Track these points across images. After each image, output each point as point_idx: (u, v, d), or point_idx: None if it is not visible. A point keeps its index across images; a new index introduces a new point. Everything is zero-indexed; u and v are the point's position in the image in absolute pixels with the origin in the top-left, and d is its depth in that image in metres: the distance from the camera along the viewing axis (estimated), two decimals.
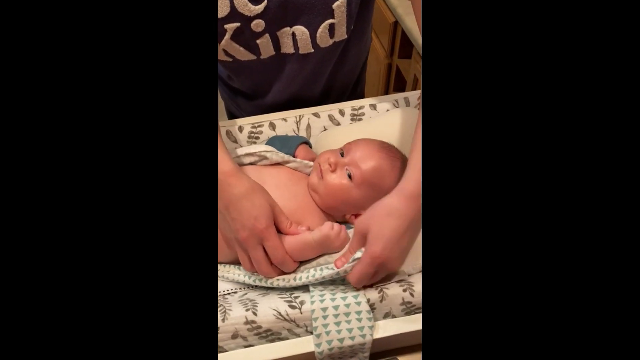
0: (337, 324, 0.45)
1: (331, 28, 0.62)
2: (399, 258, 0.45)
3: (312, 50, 0.65)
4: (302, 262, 0.53)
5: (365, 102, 0.71)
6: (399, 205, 0.45)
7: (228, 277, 0.54)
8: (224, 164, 0.49)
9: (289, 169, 0.61)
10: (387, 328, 0.47)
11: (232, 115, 0.91)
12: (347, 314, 0.46)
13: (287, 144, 0.63)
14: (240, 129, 0.69)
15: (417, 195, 0.44)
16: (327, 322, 0.45)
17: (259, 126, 0.69)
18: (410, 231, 0.44)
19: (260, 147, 0.60)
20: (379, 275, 0.47)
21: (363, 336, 0.45)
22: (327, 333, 0.45)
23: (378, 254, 0.44)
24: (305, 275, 0.49)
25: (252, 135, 0.69)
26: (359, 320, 0.46)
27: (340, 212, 0.57)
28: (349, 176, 0.55)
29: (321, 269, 0.49)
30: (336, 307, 0.46)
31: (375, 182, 0.55)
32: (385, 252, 0.44)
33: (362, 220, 0.47)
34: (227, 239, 0.52)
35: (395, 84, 1.41)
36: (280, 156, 0.60)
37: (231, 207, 0.48)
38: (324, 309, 0.46)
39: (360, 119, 0.70)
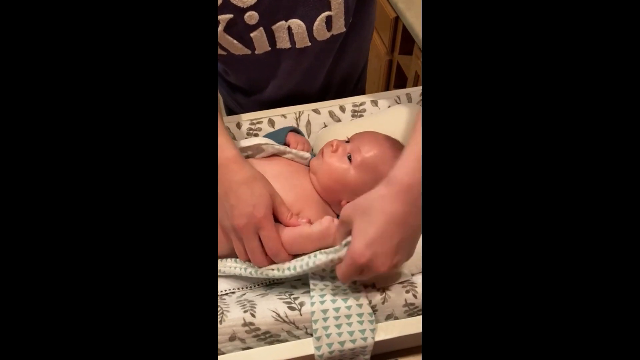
0: (338, 326, 0.44)
1: (328, 20, 0.60)
2: (385, 258, 0.39)
3: (309, 44, 0.63)
4: (295, 257, 0.51)
5: (366, 98, 0.69)
6: (386, 198, 0.39)
7: (224, 270, 0.53)
8: (227, 150, 0.48)
9: (286, 160, 0.60)
10: (389, 330, 0.46)
11: (230, 111, 0.89)
12: (348, 316, 0.44)
13: (277, 136, 0.62)
14: (239, 125, 0.68)
15: (408, 186, 0.39)
16: (327, 324, 0.44)
17: (258, 122, 0.68)
18: (398, 229, 0.39)
19: (256, 140, 0.59)
20: (366, 275, 0.43)
21: (364, 339, 0.44)
22: (328, 336, 0.44)
23: (359, 254, 0.39)
24: (300, 264, 0.47)
25: (251, 131, 0.68)
26: (360, 322, 0.44)
27: (337, 196, 0.55)
28: (349, 158, 0.55)
29: (315, 255, 0.46)
30: (337, 309, 0.44)
31: (373, 167, 0.54)
32: (367, 252, 0.39)
33: (348, 208, 0.42)
34: (224, 226, 0.50)
35: (395, 80, 1.40)
36: (276, 148, 0.59)
37: (230, 194, 0.47)
38: (325, 311, 0.44)
39: (361, 116, 0.69)
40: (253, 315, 0.46)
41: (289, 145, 0.61)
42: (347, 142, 0.57)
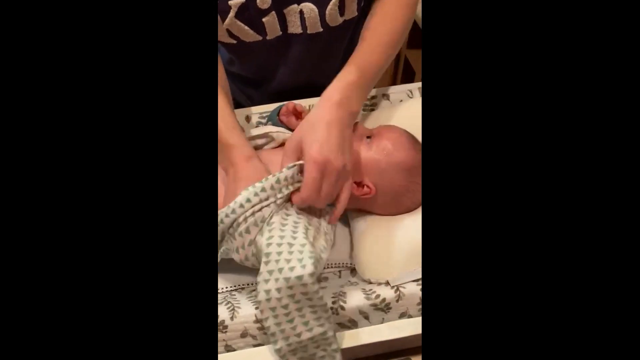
0: (277, 261, 0.42)
1: (341, 5, 0.59)
2: (337, 154, 0.46)
3: (321, 30, 0.62)
4: None
5: (378, 92, 0.68)
6: (325, 114, 0.48)
7: None
8: (243, 148, 0.51)
9: None
10: (402, 328, 0.45)
11: (238, 104, 0.88)
12: (290, 252, 0.42)
13: (273, 118, 0.61)
14: (248, 118, 0.67)
15: (341, 102, 0.49)
16: (270, 268, 0.42)
17: (267, 116, 0.67)
18: (341, 131, 0.48)
19: (266, 128, 0.58)
20: (328, 179, 0.46)
21: (303, 267, 0.41)
22: (270, 272, 0.42)
23: (317, 154, 0.45)
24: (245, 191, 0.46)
25: (260, 125, 0.67)
26: (300, 252, 0.42)
27: None
28: (368, 139, 0.54)
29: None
30: (279, 244, 0.43)
31: (388, 151, 0.52)
32: (324, 151, 0.45)
33: (293, 136, 0.49)
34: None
35: (403, 75, 1.39)
36: (288, 134, 0.58)
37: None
38: (268, 254, 0.42)
39: (372, 110, 0.67)
40: None
41: (281, 121, 0.60)
42: (369, 137, 0.56)
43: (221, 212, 0.46)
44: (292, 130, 0.60)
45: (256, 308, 0.46)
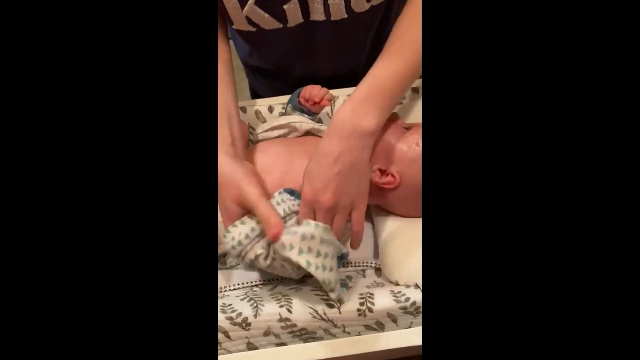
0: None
1: None
2: (324, 190, 0.44)
3: (346, 16, 0.59)
4: None
5: None
6: (324, 143, 0.45)
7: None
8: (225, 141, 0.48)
9: (319, 139, 0.57)
10: None
11: (256, 96, 0.86)
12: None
13: (293, 101, 0.60)
14: (271, 109, 0.65)
15: (340, 122, 0.45)
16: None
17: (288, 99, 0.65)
18: (333, 163, 0.44)
19: (288, 119, 0.57)
20: (326, 217, 0.45)
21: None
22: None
23: (306, 192, 0.45)
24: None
25: (283, 115, 0.65)
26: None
27: (373, 158, 0.51)
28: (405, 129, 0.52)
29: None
30: None
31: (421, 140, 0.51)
32: (313, 189, 0.44)
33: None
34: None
35: None
36: (310, 125, 0.57)
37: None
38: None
39: (400, 104, 0.65)
40: (289, 311, 0.44)
41: (300, 103, 0.59)
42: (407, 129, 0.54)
43: (223, 246, 0.46)
44: (311, 113, 0.59)
45: (281, 306, 0.44)
